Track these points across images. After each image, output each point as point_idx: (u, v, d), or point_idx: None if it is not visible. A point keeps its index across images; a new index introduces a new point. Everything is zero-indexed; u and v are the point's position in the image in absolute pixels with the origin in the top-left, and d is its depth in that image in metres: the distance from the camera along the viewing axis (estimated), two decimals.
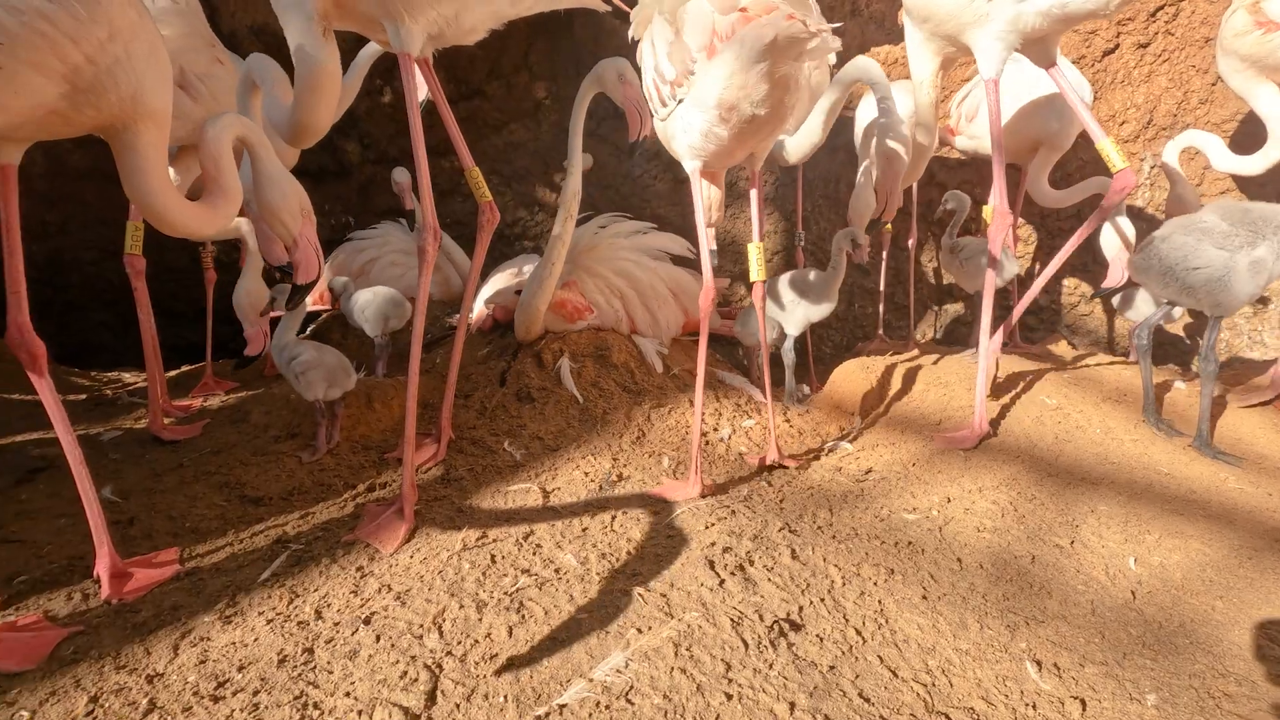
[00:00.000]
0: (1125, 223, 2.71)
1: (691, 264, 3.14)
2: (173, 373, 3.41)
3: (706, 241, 2.15)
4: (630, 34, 2.11)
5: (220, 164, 1.62)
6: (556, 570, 1.64)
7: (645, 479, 2.12)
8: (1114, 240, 2.73)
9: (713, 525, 1.81)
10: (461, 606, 1.49)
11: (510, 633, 1.42)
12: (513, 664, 1.34)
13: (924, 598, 1.58)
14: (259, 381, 3.11)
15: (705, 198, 2.32)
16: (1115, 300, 3.16)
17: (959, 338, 3.91)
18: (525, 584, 1.58)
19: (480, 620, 1.46)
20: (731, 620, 1.45)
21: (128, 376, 3.56)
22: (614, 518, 1.88)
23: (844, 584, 1.61)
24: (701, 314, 2.06)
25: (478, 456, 2.24)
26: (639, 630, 1.42)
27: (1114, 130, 3.56)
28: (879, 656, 1.39)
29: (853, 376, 2.89)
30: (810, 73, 2.95)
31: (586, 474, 2.14)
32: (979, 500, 1.99)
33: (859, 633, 1.46)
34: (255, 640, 1.41)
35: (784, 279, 2.85)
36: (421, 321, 1.99)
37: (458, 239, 3.59)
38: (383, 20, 1.87)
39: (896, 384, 2.80)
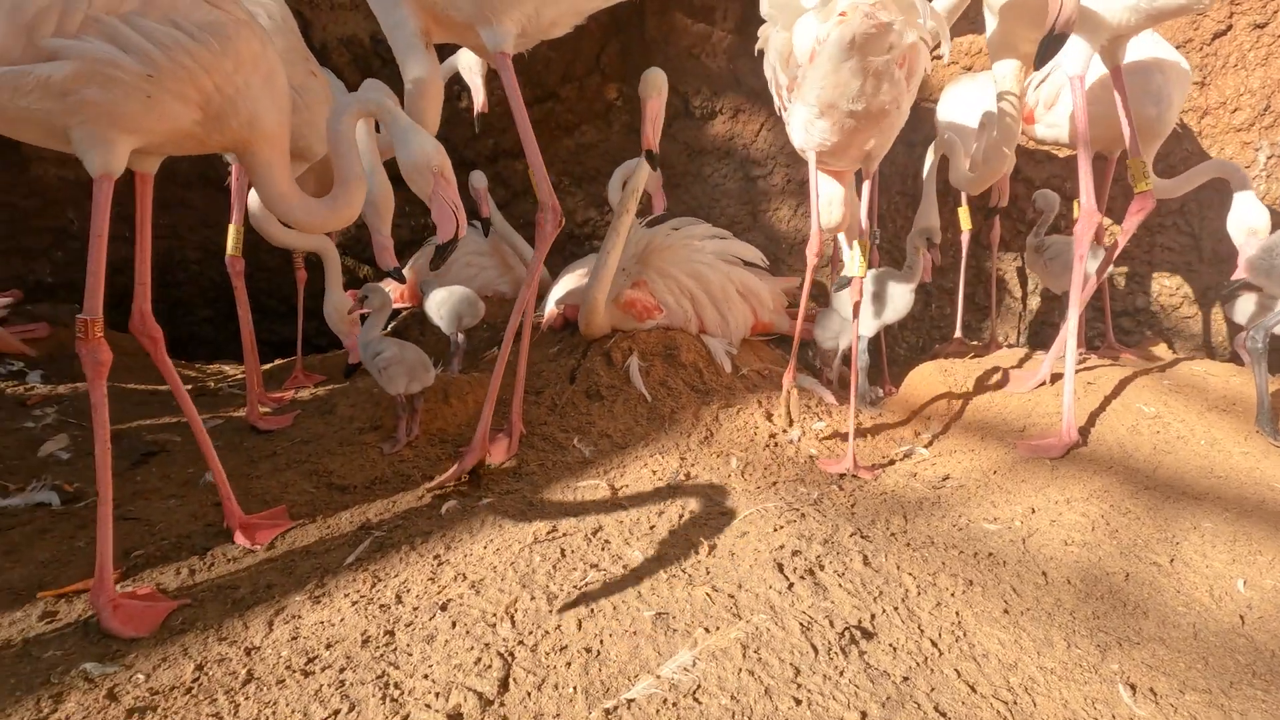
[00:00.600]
0: (1259, 211, 2.51)
1: (763, 268, 3.12)
2: (266, 366, 3.63)
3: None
4: (756, 47, 2.27)
5: (343, 152, 1.74)
6: (625, 566, 1.66)
7: (713, 479, 2.11)
8: (1248, 224, 2.53)
9: (781, 528, 1.79)
10: (533, 598, 1.53)
11: (579, 626, 1.45)
12: (582, 656, 1.36)
13: (1005, 612, 1.52)
14: (343, 375, 3.27)
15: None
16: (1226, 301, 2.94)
17: (1044, 340, 3.72)
18: (594, 578, 1.60)
19: (551, 612, 1.49)
20: (801, 624, 1.43)
21: (228, 369, 3.81)
22: (681, 516, 1.89)
23: (919, 593, 1.56)
24: (808, 267, 2.29)
25: (548, 452, 2.29)
26: (706, 630, 1.42)
27: (1225, 118, 3.31)
28: (956, 670, 1.35)
29: (929, 379, 2.80)
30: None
31: (654, 472, 2.16)
32: (1067, 512, 1.89)
33: (935, 644, 1.41)
34: (341, 620, 1.49)
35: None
36: (521, 307, 2.13)
37: (530, 240, 3.67)
38: (477, 25, 1.95)
39: (976, 388, 2.69)
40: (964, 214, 3.21)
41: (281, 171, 1.70)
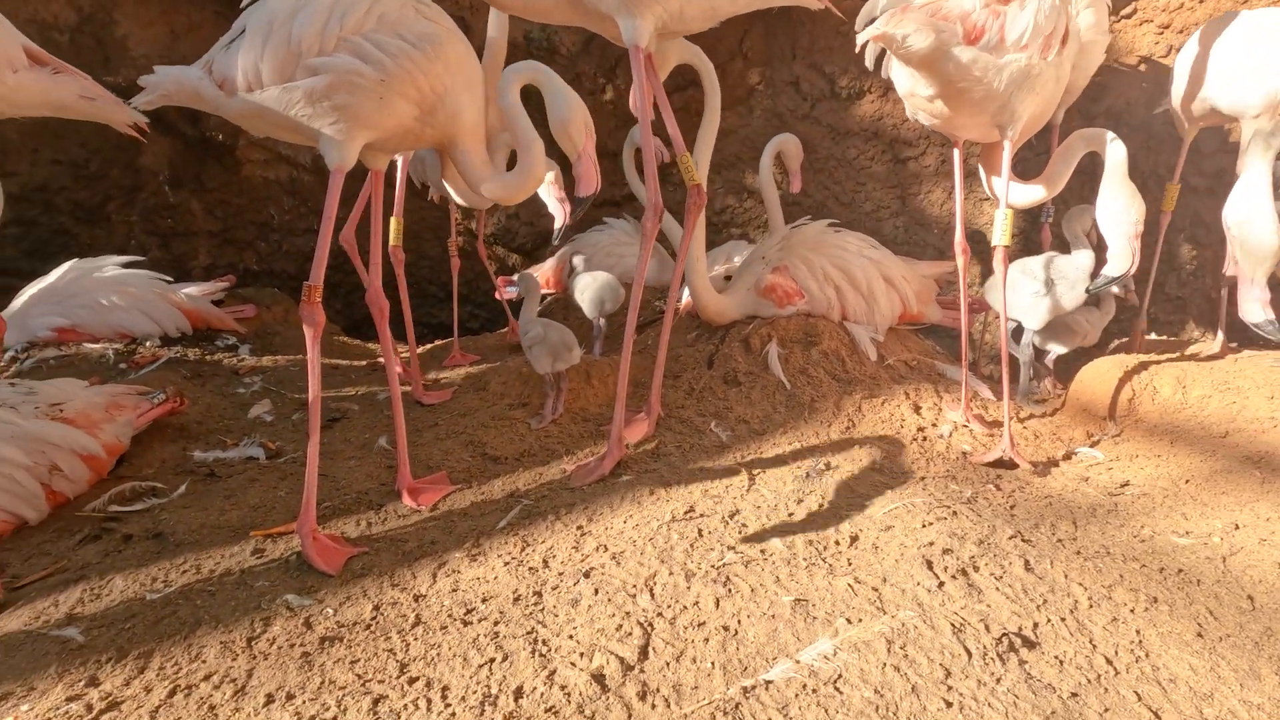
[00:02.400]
0: None
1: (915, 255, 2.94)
2: (428, 346, 3.96)
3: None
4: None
5: (515, 119, 1.90)
6: (762, 550, 1.65)
7: (855, 470, 2.04)
8: None
9: (930, 524, 1.70)
10: (671, 573, 1.57)
11: (717, 604, 1.46)
12: (720, 633, 1.38)
13: (1199, 635, 1.35)
14: (496, 355, 3.49)
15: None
16: None
17: (1251, 335, 3.22)
18: (731, 560, 1.61)
19: (688, 588, 1.52)
20: (952, 625, 1.35)
21: (399, 348, 4.19)
22: (821, 506, 1.84)
23: (1091, 606, 1.42)
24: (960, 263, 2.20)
25: (685, 435, 2.32)
26: (848, 621, 1.39)
27: None
28: (1136, 693, 1.22)
29: (1105, 376, 2.52)
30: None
31: (793, 460, 2.12)
32: None
33: (1110, 662, 1.28)
34: (495, 578, 1.60)
35: (1025, 264, 2.56)
36: (639, 294, 2.16)
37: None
38: (616, 16, 2.01)
39: (1164, 388, 2.39)
40: (1173, 192, 2.79)
41: (480, 158, 1.92)
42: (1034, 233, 3.56)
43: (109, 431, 2.09)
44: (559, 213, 2.22)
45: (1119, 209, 2.08)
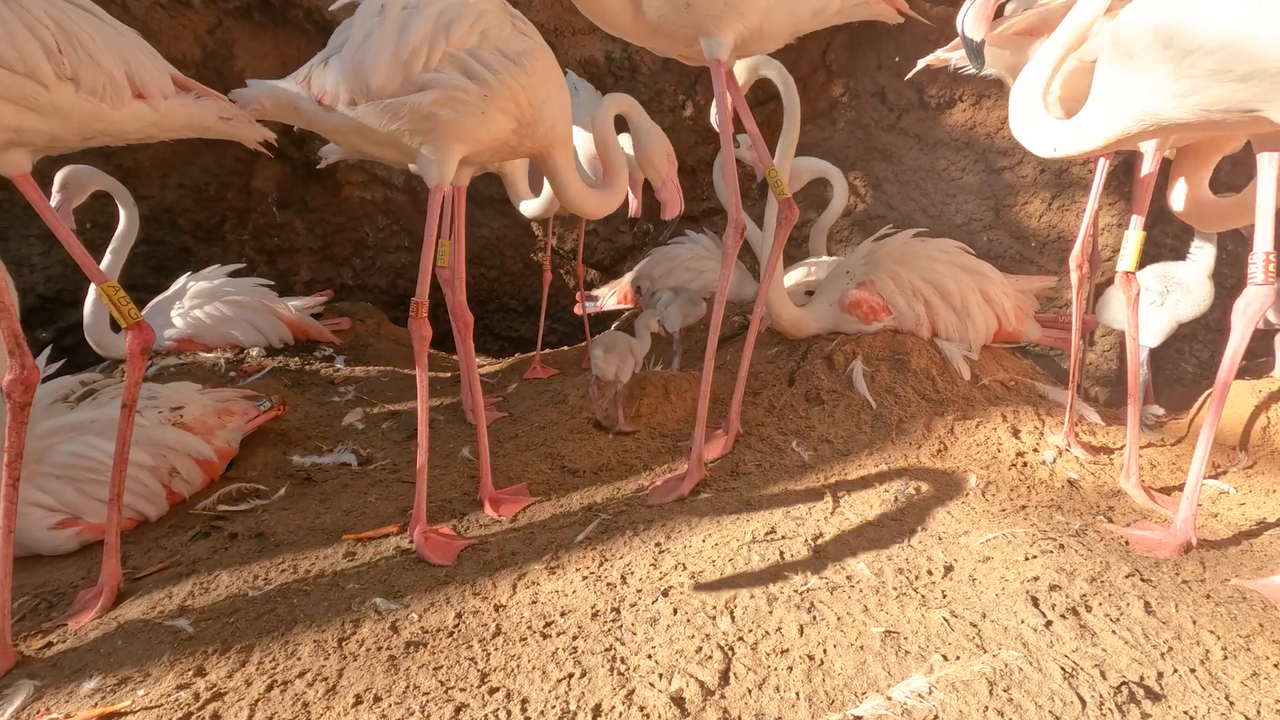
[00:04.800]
0: None
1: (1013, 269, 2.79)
2: (508, 360, 4.05)
3: None
4: None
5: (607, 142, 1.98)
6: (848, 577, 1.58)
7: (947, 496, 1.93)
8: None
9: (1034, 557, 1.58)
10: (752, 596, 1.52)
11: (801, 631, 1.41)
12: (804, 662, 1.32)
13: None
14: (574, 368, 3.54)
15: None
16: None
17: None
18: (815, 585, 1.55)
19: (770, 613, 1.46)
20: (1063, 670, 1.25)
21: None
22: (912, 532, 1.75)
23: (1225, 657, 1.28)
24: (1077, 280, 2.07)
25: (765, 453, 2.26)
26: (944, 657, 1.30)
27: None
28: None
29: (1235, 401, 2.29)
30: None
31: (880, 483, 2.03)
32: None
33: None
34: (573, 592, 1.60)
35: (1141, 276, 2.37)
36: (720, 311, 2.13)
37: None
38: (699, 36, 2.01)
39: None
40: None
41: (571, 170, 1.97)
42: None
43: (221, 437, 2.24)
44: (673, 200, 2.14)
45: None
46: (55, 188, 2.74)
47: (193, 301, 3.29)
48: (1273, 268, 1.50)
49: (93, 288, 2.98)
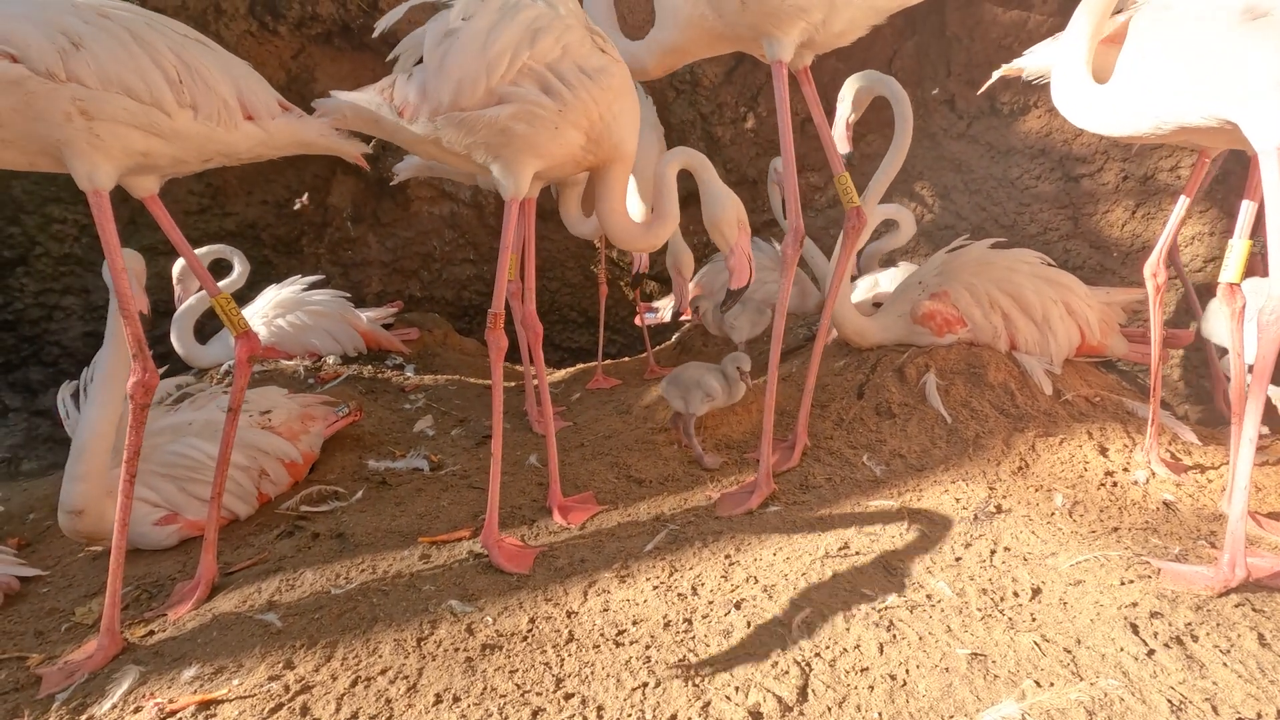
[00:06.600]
0: None
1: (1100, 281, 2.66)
2: (570, 370, 4.10)
3: None
4: None
5: (664, 191, 1.94)
6: (928, 596, 1.53)
7: (1031, 515, 1.85)
8: None
9: (1131, 582, 1.50)
10: (827, 612, 1.49)
11: (880, 650, 1.37)
12: (885, 682, 1.28)
13: None
14: (636, 379, 3.55)
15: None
16: None
17: None
18: (894, 603, 1.50)
19: (848, 630, 1.43)
20: (1169, 702, 1.18)
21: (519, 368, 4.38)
22: (994, 552, 1.68)
23: None
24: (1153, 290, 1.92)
25: (835, 467, 2.22)
26: (1037, 684, 1.24)
27: None
28: None
29: None
30: None
31: (956, 500, 1.96)
32: None
33: None
34: (644, 601, 1.60)
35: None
36: (782, 321, 2.10)
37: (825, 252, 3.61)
38: (761, 37, 2.00)
39: None
40: None
41: (621, 190, 1.95)
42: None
43: (305, 441, 2.34)
44: (741, 271, 1.96)
45: None
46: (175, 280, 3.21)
47: (276, 310, 3.45)
48: None
49: (182, 304, 3.21)
